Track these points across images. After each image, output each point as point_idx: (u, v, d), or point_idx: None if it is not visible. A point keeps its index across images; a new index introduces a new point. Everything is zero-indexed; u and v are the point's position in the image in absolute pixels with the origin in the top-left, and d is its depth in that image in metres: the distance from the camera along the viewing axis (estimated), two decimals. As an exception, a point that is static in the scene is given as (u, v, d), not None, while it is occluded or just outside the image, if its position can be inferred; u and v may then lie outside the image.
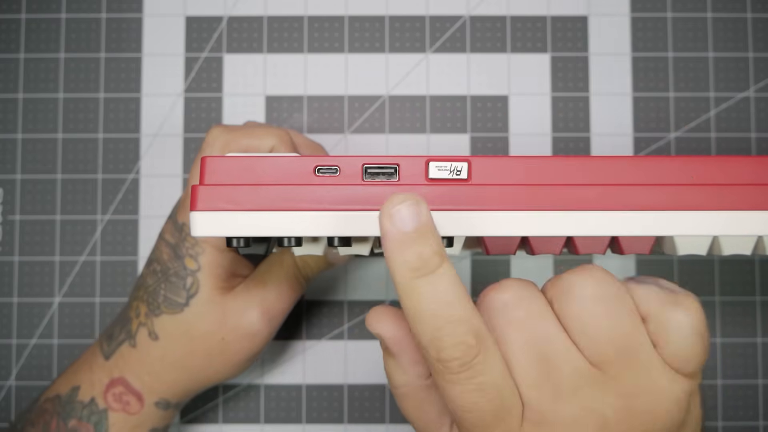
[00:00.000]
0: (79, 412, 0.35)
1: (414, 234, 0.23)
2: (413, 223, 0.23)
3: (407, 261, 0.23)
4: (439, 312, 0.23)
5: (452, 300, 0.23)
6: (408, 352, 0.26)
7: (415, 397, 0.27)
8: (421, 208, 0.23)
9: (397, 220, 0.23)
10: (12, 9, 0.44)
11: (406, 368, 0.27)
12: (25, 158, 0.43)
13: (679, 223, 0.26)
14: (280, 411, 0.42)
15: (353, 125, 0.43)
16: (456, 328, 0.22)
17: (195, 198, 0.26)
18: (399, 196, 0.23)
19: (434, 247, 0.23)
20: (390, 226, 0.23)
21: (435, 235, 0.23)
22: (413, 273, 0.23)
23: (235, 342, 0.35)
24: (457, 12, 0.44)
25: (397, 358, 0.27)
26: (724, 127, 0.43)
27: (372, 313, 0.27)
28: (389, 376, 0.27)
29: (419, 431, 0.28)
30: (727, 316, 0.42)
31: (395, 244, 0.23)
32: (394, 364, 0.27)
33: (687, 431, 0.25)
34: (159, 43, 0.43)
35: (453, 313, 0.23)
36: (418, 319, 0.23)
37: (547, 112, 0.43)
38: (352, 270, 0.43)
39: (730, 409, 0.42)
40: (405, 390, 0.27)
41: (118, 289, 0.42)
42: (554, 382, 0.23)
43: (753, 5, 0.43)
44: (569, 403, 0.23)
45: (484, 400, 0.23)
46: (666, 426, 0.24)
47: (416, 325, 0.23)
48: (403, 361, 0.27)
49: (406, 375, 0.27)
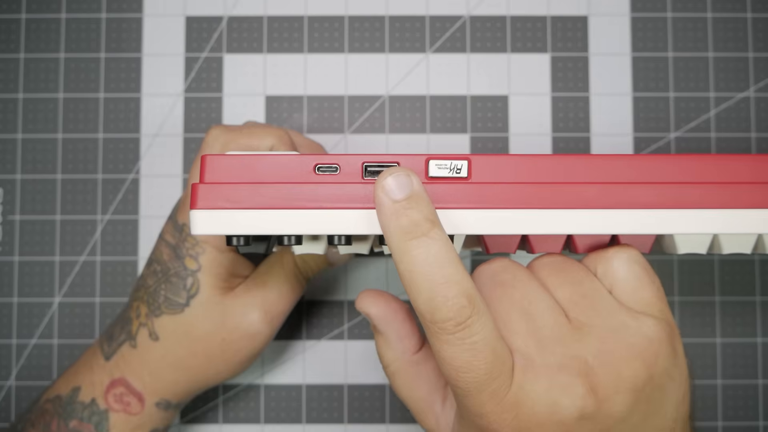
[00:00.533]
0: (79, 413, 0.35)
1: (405, 202, 0.25)
2: (404, 192, 0.25)
3: (400, 225, 0.24)
4: (432, 274, 0.24)
5: (444, 262, 0.24)
6: (393, 327, 0.29)
7: (405, 373, 0.30)
8: (411, 178, 0.25)
9: (389, 190, 0.25)
10: (12, 9, 0.44)
11: (393, 344, 0.30)
12: (25, 158, 0.43)
13: (679, 222, 0.26)
14: (280, 411, 0.42)
15: (353, 125, 0.43)
16: (449, 290, 0.24)
17: (195, 196, 0.26)
18: (390, 169, 0.25)
19: (425, 212, 0.25)
20: (383, 195, 0.25)
21: (426, 202, 0.25)
22: (405, 236, 0.24)
23: (236, 342, 0.35)
24: (457, 12, 0.44)
25: (384, 334, 0.30)
26: (724, 127, 0.43)
27: (360, 295, 0.30)
28: (380, 355, 0.30)
29: (412, 409, 0.30)
30: (727, 316, 0.42)
31: (389, 211, 0.25)
32: (382, 341, 0.30)
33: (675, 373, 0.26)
34: (159, 43, 0.44)
35: (445, 274, 0.24)
36: (413, 282, 0.24)
37: (547, 112, 0.43)
38: (352, 270, 0.43)
39: (730, 409, 0.42)
40: (395, 367, 0.30)
41: (118, 289, 0.42)
42: (539, 333, 0.26)
43: (753, 5, 0.43)
44: (553, 352, 0.25)
45: (478, 359, 0.24)
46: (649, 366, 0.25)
47: (411, 288, 0.24)
48: (390, 337, 0.29)
49: (394, 351, 0.30)
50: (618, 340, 0.25)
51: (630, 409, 0.25)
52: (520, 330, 0.26)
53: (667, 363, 0.26)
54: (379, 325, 0.30)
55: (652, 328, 0.26)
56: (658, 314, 0.27)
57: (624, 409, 0.25)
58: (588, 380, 0.25)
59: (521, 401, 0.25)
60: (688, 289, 0.42)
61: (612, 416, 0.25)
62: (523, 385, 0.25)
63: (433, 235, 0.24)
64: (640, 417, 0.26)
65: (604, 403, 0.25)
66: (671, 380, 0.26)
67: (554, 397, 0.24)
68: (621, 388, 0.25)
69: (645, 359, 0.25)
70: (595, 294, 0.27)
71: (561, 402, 0.24)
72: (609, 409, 0.25)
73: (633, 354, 0.25)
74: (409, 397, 0.30)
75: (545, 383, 0.25)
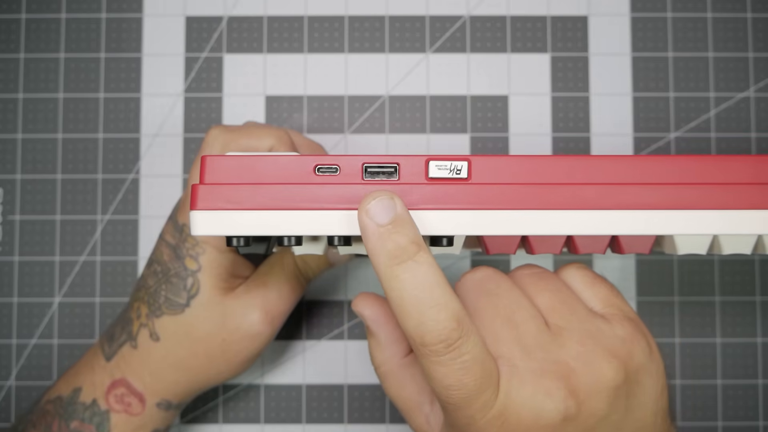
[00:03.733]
0: (81, 414, 0.35)
1: (390, 226, 0.25)
2: (389, 216, 0.25)
3: (386, 250, 0.25)
4: (421, 298, 0.24)
5: (432, 285, 0.24)
6: (386, 330, 0.30)
7: (394, 375, 0.30)
8: (395, 201, 0.25)
9: (374, 214, 0.25)
10: (12, 9, 0.44)
11: (385, 346, 0.30)
12: (25, 158, 0.43)
13: (679, 222, 0.27)
14: (280, 411, 0.42)
15: (353, 125, 0.43)
16: (438, 313, 0.24)
17: (195, 197, 0.26)
18: (374, 193, 0.25)
19: (410, 236, 0.25)
20: (368, 220, 0.25)
21: (411, 226, 0.25)
22: (392, 260, 0.24)
23: (237, 343, 0.35)
24: (457, 12, 0.44)
25: (376, 336, 0.30)
26: (724, 127, 0.43)
27: (357, 297, 0.31)
28: (371, 356, 0.31)
29: (401, 409, 0.30)
30: (727, 316, 0.42)
31: (374, 236, 0.25)
32: (375, 342, 0.30)
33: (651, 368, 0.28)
34: (159, 43, 0.43)
35: (434, 297, 0.24)
36: (402, 306, 0.24)
37: (547, 112, 0.43)
38: (352, 270, 0.43)
39: (730, 409, 0.42)
40: (385, 368, 0.30)
41: (118, 289, 0.42)
42: (523, 340, 0.26)
43: (753, 5, 0.43)
44: (536, 358, 0.26)
45: (468, 376, 0.24)
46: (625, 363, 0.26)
47: (401, 312, 0.25)
48: (382, 339, 0.30)
49: (385, 353, 0.30)
50: (595, 342, 0.26)
51: (610, 407, 0.26)
52: (504, 337, 0.26)
53: (642, 359, 0.27)
54: (372, 326, 0.30)
55: (624, 329, 0.27)
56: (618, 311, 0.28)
57: (604, 407, 0.26)
58: (569, 383, 0.26)
59: (508, 408, 0.25)
60: (688, 289, 0.42)
61: (594, 415, 0.26)
62: (509, 393, 0.25)
63: (419, 259, 0.25)
64: (621, 413, 0.27)
65: (585, 403, 0.26)
66: (648, 375, 0.27)
67: (538, 401, 0.25)
68: (600, 387, 0.26)
69: (621, 357, 0.26)
70: (572, 301, 0.28)
71: (545, 406, 0.25)
72: (590, 409, 0.26)
73: (610, 354, 0.26)
74: (399, 397, 0.30)
75: (530, 389, 0.25)
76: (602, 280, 0.29)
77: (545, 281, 0.28)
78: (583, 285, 0.29)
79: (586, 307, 0.28)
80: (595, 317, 0.28)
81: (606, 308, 0.28)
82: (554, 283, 0.28)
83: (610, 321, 0.28)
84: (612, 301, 0.29)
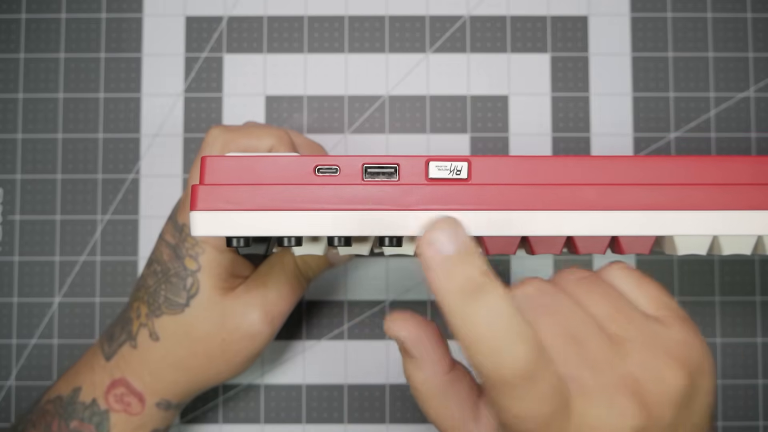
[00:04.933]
0: (80, 413, 0.35)
1: (457, 256, 0.22)
2: (455, 245, 0.22)
3: (457, 286, 0.22)
4: (498, 333, 0.22)
5: (508, 317, 0.22)
6: (426, 349, 0.27)
7: (437, 394, 0.28)
8: (458, 229, 0.23)
9: (440, 245, 0.22)
10: (12, 9, 0.44)
11: (427, 367, 0.27)
12: (25, 158, 0.43)
13: (679, 223, 0.26)
14: (280, 411, 0.42)
15: (353, 125, 0.43)
16: (518, 346, 0.22)
17: (195, 198, 0.26)
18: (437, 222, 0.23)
19: (480, 266, 0.22)
20: (431, 251, 0.22)
21: (477, 253, 0.23)
22: (466, 297, 0.22)
23: (236, 343, 0.35)
24: (457, 12, 0.44)
25: (419, 358, 0.27)
26: (724, 127, 0.43)
27: (389, 319, 0.27)
28: (410, 378, 0.28)
29: (443, 428, 0.28)
30: (727, 316, 0.42)
31: (441, 270, 0.22)
32: (413, 364, 0.28)
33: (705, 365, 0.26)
34: (159, 43, 0.43)
35: (511, 329, 0.22)
36: (478, 344, 0.22)
37: (547, 112, 0.43)
38: (352, 270, 0.43)
39: (730, 409, 0.42)
40: (425, 389, 0.28)
41: (118, 289, 0.42)
42: (589, 358, 0.24)
43: (753, 5, 0.43)
44: (604, 374, 0.24)
45: (545, 406, 0.23)
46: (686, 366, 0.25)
47: (474, 350, 0.22)
48: (423, 360, 0.27)
49: (426, 372, 0.28)
50: (656, 349, 0.25)
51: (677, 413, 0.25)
52: (571, 357, 0.24)
53: (698, 359, 0.26)
54: (412, 348, 0.27)
55: (680, 331, 0.26)
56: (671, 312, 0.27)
57: (671, 414, 0.25)
58: (638, 396, 0.24)
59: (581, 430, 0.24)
60: (688, 289, 0.42)
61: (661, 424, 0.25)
62: (582, 413, 0.24)
63: (491, 290, 0.22)
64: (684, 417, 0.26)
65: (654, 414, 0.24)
66: (703, 376, 0.26)
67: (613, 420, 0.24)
68: (667, 395, 0.25)
69: (682, 361, 0.25)
70: (627, 307, 0.26)
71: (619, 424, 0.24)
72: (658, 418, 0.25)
73: (672, 359, 0.25)
74: (442, 417, 0.28)
75: (603, 409, 0.24)
76: (648, 279, 0.28)
77: (597, 288, 0.27)
78: (631, 286, 0.27)
79: (640, 311, 0.26)
80: (651, 321, 0.26)
81: (659, 310, 0.27)
82: (605, 289, 0.27)
83: (665, 323, 0.26)
84: (663, 301, 0.27)
